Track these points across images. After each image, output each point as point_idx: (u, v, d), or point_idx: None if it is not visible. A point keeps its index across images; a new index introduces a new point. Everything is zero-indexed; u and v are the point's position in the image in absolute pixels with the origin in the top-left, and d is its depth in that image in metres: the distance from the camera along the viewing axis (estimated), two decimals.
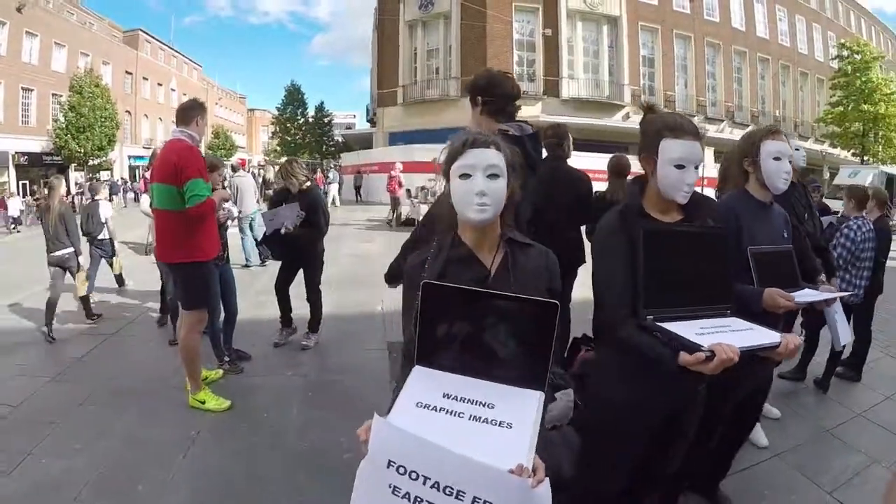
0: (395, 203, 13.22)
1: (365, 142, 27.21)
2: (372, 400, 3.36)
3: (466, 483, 0.90)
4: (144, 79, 36.10)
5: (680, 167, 1.52)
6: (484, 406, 1.08)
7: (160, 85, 38.21)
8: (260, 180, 20.36)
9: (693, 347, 1.28)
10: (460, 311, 1.17)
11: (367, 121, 32.63)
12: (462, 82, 19.41)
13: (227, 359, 3.99)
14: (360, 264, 8.03)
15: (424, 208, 12.46)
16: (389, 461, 0.93)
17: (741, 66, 26.99)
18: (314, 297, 4.49)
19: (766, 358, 1.42)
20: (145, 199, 5.53)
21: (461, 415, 1.06)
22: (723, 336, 1.33)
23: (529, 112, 18.78)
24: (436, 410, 1.07)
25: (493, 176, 1.31)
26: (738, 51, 26.64)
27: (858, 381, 3.88)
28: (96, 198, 6.07)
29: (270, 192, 13.82)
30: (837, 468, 2.81)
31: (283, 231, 4.16)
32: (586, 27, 21.80)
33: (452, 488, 0.90)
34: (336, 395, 3.65)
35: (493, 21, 19.77)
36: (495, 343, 1.14)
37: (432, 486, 0.92)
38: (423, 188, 13.00)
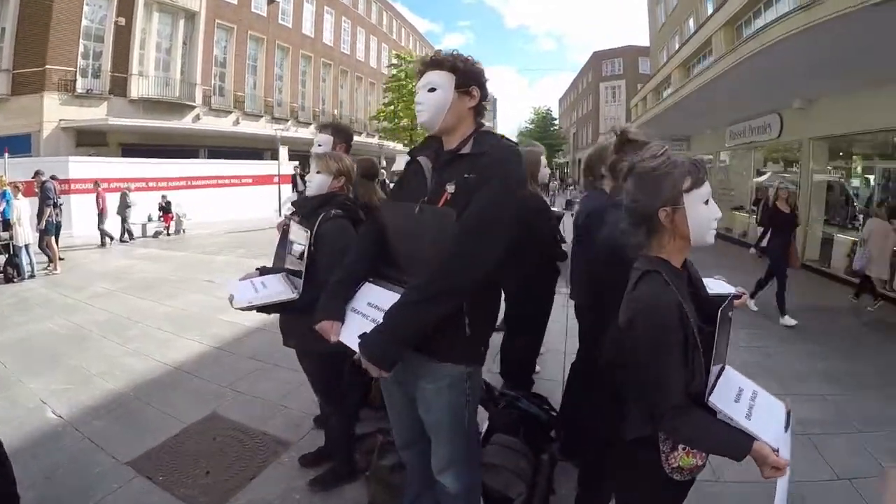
0: None
1: None
2: None
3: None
4: None
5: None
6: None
7: None
8: None
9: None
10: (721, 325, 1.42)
11: None
12: (14, 76, 17.18)
13: None
14: None
15: None
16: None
17: (307, 70, 31.94)
18: None
19: None
20: None
21: (756, 394, 1.52)
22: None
23: (93, 114, 18.63)
24: (754, 400, 1.49)
25: None
26: (305, 55, 31.43)
27: None
28: None
29: None
30: None
31: None
32: (163, 20, 22.31)
33: None
34: None
35: (62, 1, 17.83)
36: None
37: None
38: None
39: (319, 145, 3.00)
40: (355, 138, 3.45)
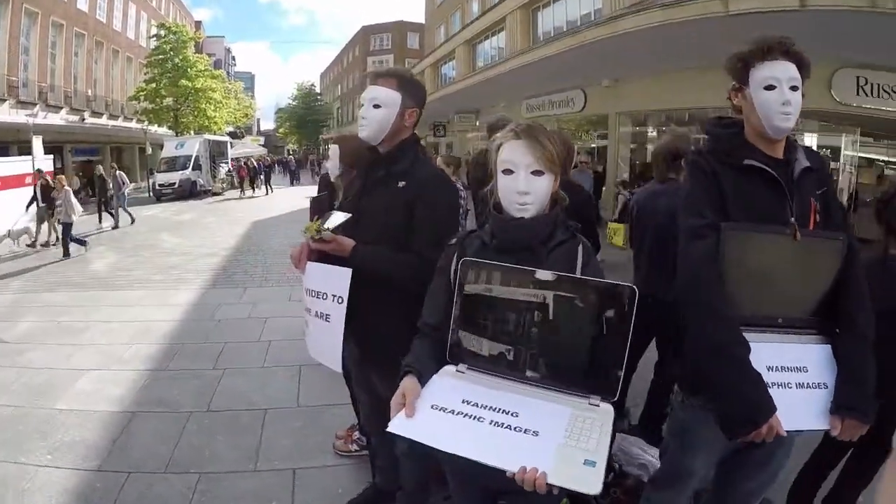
0: None
1: None
2: None
3: None
4: None
5: None
6: None
7: None
8: None
9: None
10: None
11: None
12: None
13: None
14: None
15: None
16: None
17: (57, 41, 26.78)
18: None
19: None
20: None
21: None
22: None
23: None
24: None
25: None
26: (56, 23, 26.30)
27: None
28: None
29: None
30: None
31: None
32: None
33: None
34: None
35: None
36: None
37: None
38: None
39: (377, 106, 1.78)
40: (112, 123, 2.63)
